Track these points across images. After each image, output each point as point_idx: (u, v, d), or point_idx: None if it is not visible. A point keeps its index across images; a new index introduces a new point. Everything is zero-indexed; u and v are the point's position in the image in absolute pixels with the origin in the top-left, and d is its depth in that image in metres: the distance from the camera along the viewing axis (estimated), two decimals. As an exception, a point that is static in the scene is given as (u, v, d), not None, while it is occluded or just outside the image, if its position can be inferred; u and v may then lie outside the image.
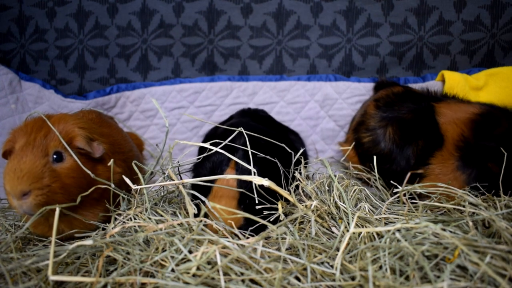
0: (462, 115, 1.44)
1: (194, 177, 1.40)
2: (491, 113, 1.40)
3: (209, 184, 1.17)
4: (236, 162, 1.19)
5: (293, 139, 1.67)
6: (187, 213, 1.14)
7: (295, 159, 1.41)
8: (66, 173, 1.10)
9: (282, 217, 1.16)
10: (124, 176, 1.19)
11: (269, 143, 1.34)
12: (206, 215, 1.16)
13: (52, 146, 1.09)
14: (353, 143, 1.72)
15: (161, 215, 1.18)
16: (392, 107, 1.65)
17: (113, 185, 1.19)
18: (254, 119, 1.74)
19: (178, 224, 1.07)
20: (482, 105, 1.47)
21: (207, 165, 1.29)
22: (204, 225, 1.10)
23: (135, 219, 1.17)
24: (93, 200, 1.18)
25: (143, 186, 1.16)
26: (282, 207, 1.17)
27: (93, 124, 1.43)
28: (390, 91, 1.79)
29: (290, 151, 1.39)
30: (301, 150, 1.48)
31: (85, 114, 1.57)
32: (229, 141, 1.25)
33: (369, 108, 1.74)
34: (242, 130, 1.28)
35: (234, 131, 1.29)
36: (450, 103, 1.54)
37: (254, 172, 1.13)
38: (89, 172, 1.12)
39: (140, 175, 1.24)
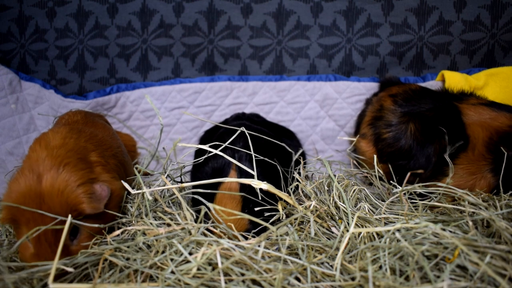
0: (492, 122, 1.46)
1: (192, 180, 1.40)
2: None
3: (211, 190, 1.17)
4: (238, 166, 1.19)
5: (288, 144, 1.67)
6: (191, 214, 1.14)
7: (293, 160, 1.41)
8: (86, 239, 1.07)
9: (284, 217, 1.16)
10: (123, 181, 1.18)
11: (269, 145, 1.34)
12: (207, 217, 1.16)
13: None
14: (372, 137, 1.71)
15: (162, 218, 1.18)
16: (411, 103, 1.65)
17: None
18: (250, 123, 1.74)
19: (181, 229, 1.07)
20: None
21: (207, 169, 1.28)
22: (208, 230, 1.11)
23: (133, 223, 1.17)
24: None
25: (143, 191, 1.16)
26: (283, 208, 1.17)
27: (78, 125, 1.42)
28: (407, 87, 1.79)
29: (290, 150, 1.39)
30: (300, 151, 1.48)
31: (70, 117, 1.56)
32: (229, 144, 1.25)
33: (386, 103, 1.73)
34: (244, 129, 1.28)
35: (233, 133, 1.29)
36: (476, 105, 1.54)
37: (253, 176, 1.14)
38: (98, 226, 1.08)
39: (140, 179, 1.23)
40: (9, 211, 1.01)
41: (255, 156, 1.21)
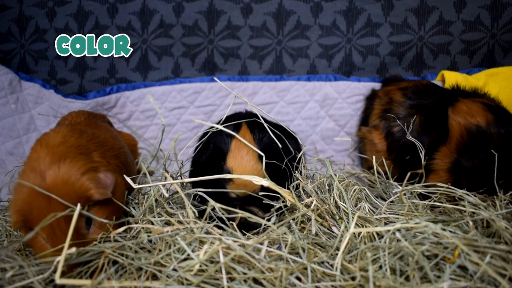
0: (469, 119, 1.43)
1: (195, 163, 1.41)
2: (484, 132, 1.37)
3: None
4: (248, 126, 1.21)
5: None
6: (193, 213, 1.14)
7: (298, 158, 1.41)
8: (101, 227, 1.07)
9: (288, 204, 1.17)
10: (125, 176, 1.19)
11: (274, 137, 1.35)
12: (210, 217, 1.16)
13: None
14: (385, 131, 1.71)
15: (163, 216, 1.18)
16: (420, 96, 1.65)
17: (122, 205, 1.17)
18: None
19: (184, 228, 1.07)
20: (491, 114, 1.42)
21: (210, 145, 1.29)
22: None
23: (137, 222, 1.17)
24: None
25: (145, 185, 1.16)
26: (284, 201, 1.17)
27: (81, 126, 1.42)
28: (418, 82, 1.80)
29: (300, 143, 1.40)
30: (303, 150, 1.48)
31: (73, 117, 1.56)
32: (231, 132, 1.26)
33: (396, 96, 1.73)
34: (237, 94, 1.31)
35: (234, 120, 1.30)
36: (476, 101, 1.51)
37: (262, 156, 1.16)
38: (104, 220, 1.07)
39: (148, 175, 1.23)
40: (20, 213, 1.01)
41: (268, 128, 1.24)
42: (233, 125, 1.30)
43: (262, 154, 1.15)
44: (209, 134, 1.35)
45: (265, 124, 1.29)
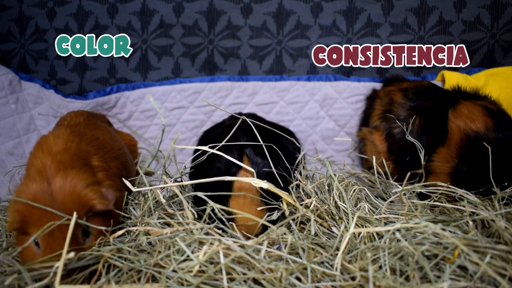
0: (469, 124, 1.42)
1: (195, 184, 1.40)
2: (482, 139, 1.37)
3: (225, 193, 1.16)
4: (250, 158, 1.19)
5: (287, 142, 1.65)
6: (192, 214, 1.14)
7: (299, 158, 1.42)
8: (98, 236, 1.08)
9: (286, 213, 1.17)
10: (124, 179, 1.19)
11: (273, 139, 1.34)
12: (210, 218, 1.16)
13: (76, 225, 1.01)
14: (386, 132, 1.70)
15: (163, 218, 1.18)
16: (421, 97, 1.65)
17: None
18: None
19: (183, 230, 1.07)
20: (491, 120, 1.41)
21: (212, 172, 1.25)
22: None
23: (136, 225, 1.17)
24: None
25: (144, 188, 1.16)
26: (287, 205, 1.17)
27: (80, 127, 1.42)
28: (418, 83, 1.80)
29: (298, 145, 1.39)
30: (303, 153, 1.48)
31: (72, 118, 1.56)
32: (233, 139, 1.24)
33: (396, 97, 1.72)
34: (245, 118, 1.27)
35: (231, 131, 1.28)
36: (477, 104, 1.50)
37: (253, 173, 1.14)
38: (102, 228, 1.08)
39: (144, 178, 1.23)
40: (19, 213, 1.01)
41: (265, 148, 1.20)
42: (235, 148, 1.25)
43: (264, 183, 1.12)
44: (212, 145, 1.31)
45: (267, 152, 1.24)
